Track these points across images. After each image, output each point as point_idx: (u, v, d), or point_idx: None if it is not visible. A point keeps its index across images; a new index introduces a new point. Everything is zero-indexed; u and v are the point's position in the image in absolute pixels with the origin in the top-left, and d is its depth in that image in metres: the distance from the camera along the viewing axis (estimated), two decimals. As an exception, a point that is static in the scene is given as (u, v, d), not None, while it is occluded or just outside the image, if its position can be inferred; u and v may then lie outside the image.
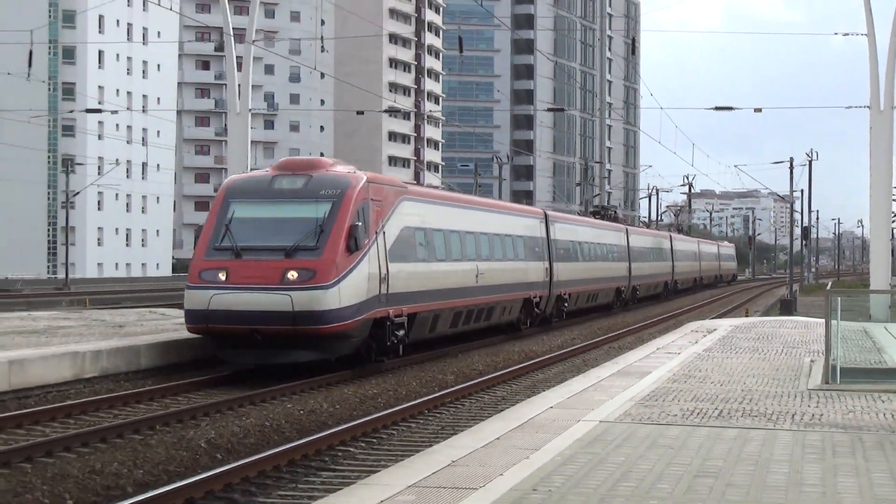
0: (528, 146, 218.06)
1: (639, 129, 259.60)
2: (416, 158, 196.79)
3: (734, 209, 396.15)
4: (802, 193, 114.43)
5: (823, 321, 24.34)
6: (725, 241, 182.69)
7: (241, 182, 32.13)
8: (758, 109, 74.69)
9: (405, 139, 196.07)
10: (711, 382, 22.87)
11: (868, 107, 49.67)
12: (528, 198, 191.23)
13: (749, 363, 27.28)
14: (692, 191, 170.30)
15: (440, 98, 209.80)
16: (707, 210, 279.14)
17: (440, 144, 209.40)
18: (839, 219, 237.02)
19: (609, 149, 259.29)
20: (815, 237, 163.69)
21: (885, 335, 31.62)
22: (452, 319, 38.13)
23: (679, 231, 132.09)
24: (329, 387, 28.62)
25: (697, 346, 32.36)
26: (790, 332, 38.51)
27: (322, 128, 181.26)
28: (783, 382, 23.02)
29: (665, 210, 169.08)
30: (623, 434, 16.10)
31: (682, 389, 21.56)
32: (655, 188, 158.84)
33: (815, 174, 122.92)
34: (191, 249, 34.66)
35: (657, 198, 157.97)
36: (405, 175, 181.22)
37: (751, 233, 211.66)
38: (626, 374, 24.53)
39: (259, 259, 29.16)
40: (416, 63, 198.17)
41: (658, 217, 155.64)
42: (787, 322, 45.95)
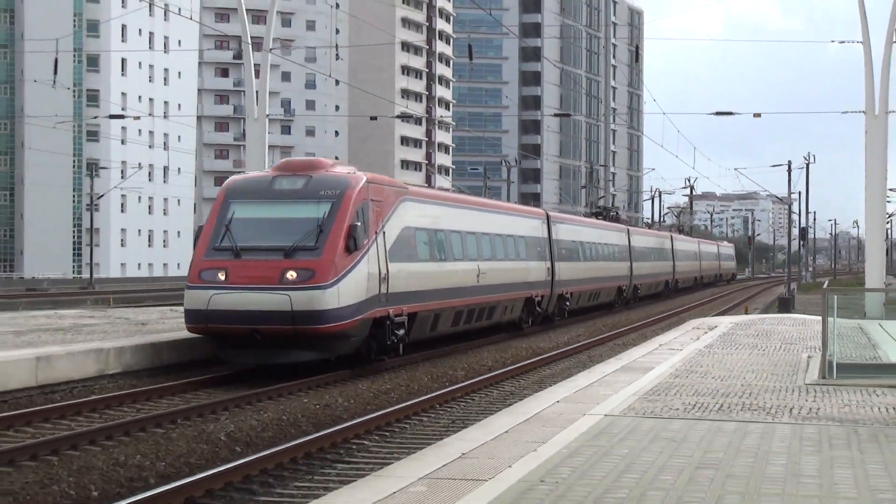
0: (536, 150, 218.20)
1: (642, 134, 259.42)
2: (428, 162, 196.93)
3: (734, 210, 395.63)
4: (800, 195, 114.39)
5: (820, 318, 24.30)
6: (725, 242, 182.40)
7: (242, 182, 31.35)
8: (757, 114, 74.38)
9: (417, 143, 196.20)
10: (712, 377, 22.83)
11: (864, 112, 49.65)
12: (536, 200, 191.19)
13: (749, 359, 27.23)
14: (694, 193, 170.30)
15: (451, 104, 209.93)
16: (708, 211, 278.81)
17: (451, 148, 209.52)
18: (836, 220, 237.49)
19: (613, 152, 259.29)
20: (813, 237, 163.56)
21: (880, 332, 31.58)
22: (454, 319, 37.39)
23: (680, 231, 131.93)
24: (344, 382, 28.60)
25: (699, 343, 32.31)
26: (788, 329, 38.45)
27: (337, 133, 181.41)
28: (781, 377, 22.99)
29: (667, 212, 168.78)
30: (627, 427, 16.09)
31: (684, 384, 21.53)
32: (658, 190, 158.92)
33: (813, 177, 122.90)
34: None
35: (660, 200, 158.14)
36: (417, 178, 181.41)
37: (750, 233, 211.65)
38: (630, 370, 24.50)
39: (258, 259, 28.41)
40: (428, 70, 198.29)
41: (661, 218, 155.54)
42: (786, 319, 45.87)
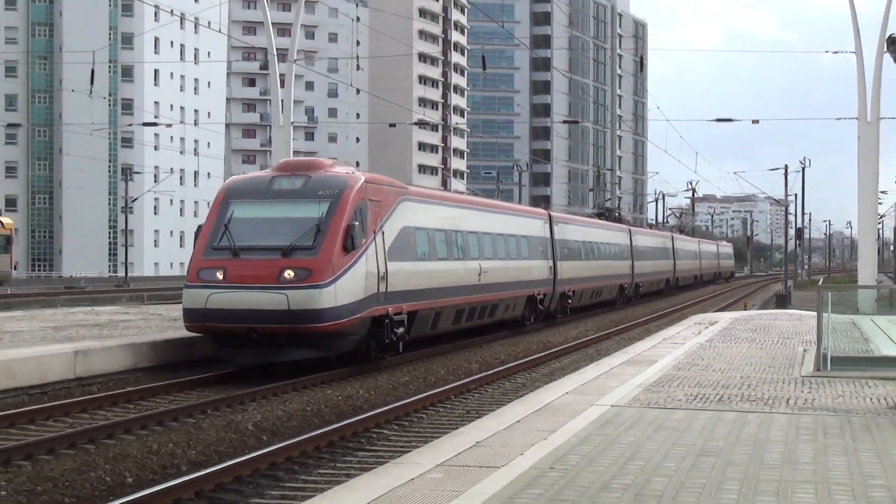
0: (546, 155, 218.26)
1: (646, 140, 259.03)
2: (444, 167, 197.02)
3: (734, 212, 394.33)
4: (796, 197, 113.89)
5: (816, 314, 24.28)
6: (724, 241, 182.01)
7: (241, 183, 30.34)
8: (755, 121, 74.88)
9: (433, 149, 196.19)
10: (713, 370, 22.81)
11: (856, 118, 49.63)
12: (546, 202, 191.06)
13: (747, 352, 27.20)
14: (695, 195, 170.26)
15: (465, 111, 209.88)
16: (709, 213, 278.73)
17: (465, 154, 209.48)
18: (830, 220, 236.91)
19: (619, 157, 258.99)
20: (808, 237, 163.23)
21: (872, 327, 31.49)
22: (455, 316, 36.17)
23: (681, 231, 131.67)
24: (364, 374, 28.57)
25: (700, 337, 32.28)
26: (785, 324, 38.40)
27: (357, 139, 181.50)
28: (779, 370, 22.96)
29: (670, 213, 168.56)
30: (633, 417, 16.08)
31: (687, 376, 21.51)
32: (662, 193, 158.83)
33: (808, 180, 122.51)
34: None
35: (663, 202, 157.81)
36: (433, 181, 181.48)
37: (749, 233, 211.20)
38: (635, 363, 24.48)
39: (256, 258, 27.29)
40: (444, 80, 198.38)
41: (664, 219, 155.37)
42: (782, 315, 45.82)
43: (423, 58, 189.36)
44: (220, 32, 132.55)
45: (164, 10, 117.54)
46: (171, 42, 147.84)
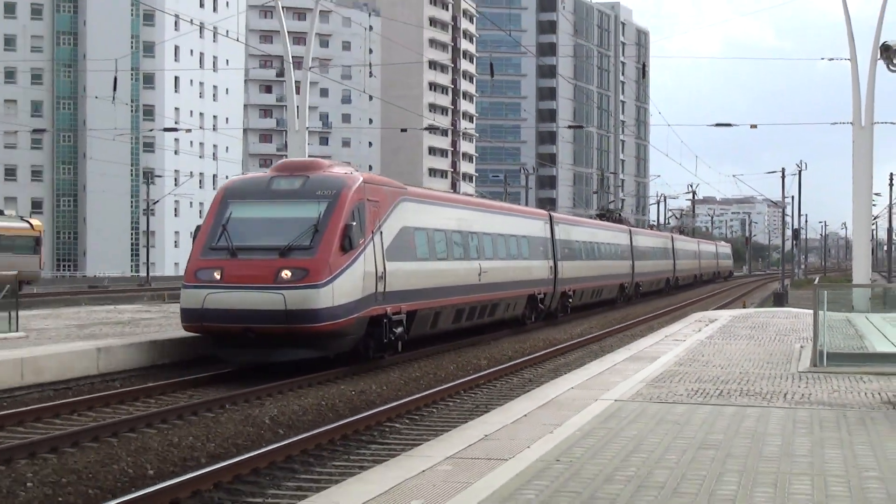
0: (552, 159, 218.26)
1: (648, 144, 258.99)
2: (453, 170, 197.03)
3: (733, 213, 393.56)
4: (793, 199, 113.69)
5: (812, 312, 24.23)
6: (722, 242, 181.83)
7: (240, 183, 29.56)
8: (754, 125, 74.39)
9: (443, 153, 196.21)
10: (713, 366, 22.79)
11: (851, 123, 49.65)
12: (552, 204, 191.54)
13: (746, 349, 27.18)
14: (696, 197, 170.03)
15: (474, 117, 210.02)
16: (709, 214, 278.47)
17: (474, 158, 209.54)
18: (825, 221, 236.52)
19: (622, 161, 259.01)
20: (805, 238, 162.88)
21: (866, 324, 31.48)
22: (455, 316, 35.32)
23: (681, 232, 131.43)
24: (377, 370, 28.55)
25: (701, 334, 32.25)
26: (782, 322, 38.36)
27: (370, 143, 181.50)
28: (776, 366, 22.94)
29: (671, 215, 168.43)
30: (635, 411, 16.07)
31: (688, 372, 21.50)
32: (663, 195, 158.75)
33: (805, 182, 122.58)
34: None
35: (665, 204, 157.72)
36: (443, 184, 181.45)
37: (747, 234, 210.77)
38: (638, 359, 24.46)
39: (254, 258, 26.38)
40: (453, 86, 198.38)
41: (665, 221, 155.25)
42: (780, 313, 45.76)
43: (434, 65, 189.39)
44: (238, 41, 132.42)
45: (184, 20, 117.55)
46: (191, 50, 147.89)
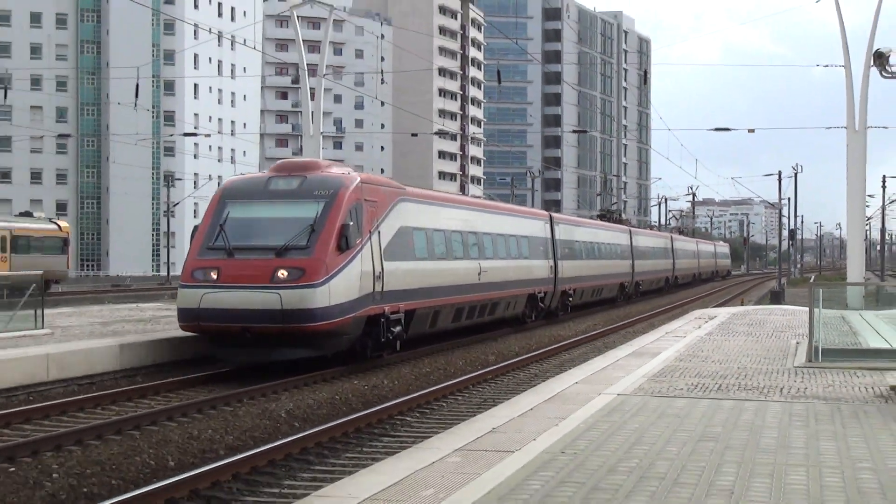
0: (557, 162, 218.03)
1: (650, 147, 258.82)
2: (462, 173, 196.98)
3: (731, 214, 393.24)
4: (789, 201, 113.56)
5: (808, 309, 24.21)
6: (721, 241, 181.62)
7: (238, 183, 28.52)
8: (751, 130, 74.80)
9: (452, 157, 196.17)
10: (712, 361, 22.76)
11: (845, 127, 49.56)
12: (557, 206, 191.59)
13: (744, 345, 27.14)
14: (695, 199, 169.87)
15: (482, 122, 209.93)
16: (708, 215, 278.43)
17: (482, 161, 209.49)
18: (821, 222, 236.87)
19: (625, 164, 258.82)
20: (800, 238, 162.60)
21: (860, 321, 31.42)
22: (454, 315, 34.43)
23: (680, 233, 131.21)
24: (389, 366, 28.54)
25: (700, 331, 32.19)
26: (779, 319, 38.32)
27: (382, 148, 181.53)
28: (773, 361, 22.91)
29: (672, 216, 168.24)
30: (637, 405, 16.06)
31: (688, 367, 21.47)
32: (664, 197, 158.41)
33: (801, 184, 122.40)
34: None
35: (665, 205, 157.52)
36: (453, 187, 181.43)
37: (745, 234, 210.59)
38: (640, 355, 24.44)
39: (250, 258, 25.51)
40: (462, 92, 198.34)
41: (666, 221, 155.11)
42: (777, 310, 45.72)
43: (443, 72, 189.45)
44: (255, 49, 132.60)
45: (203, 29, 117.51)
46: (210, 58, 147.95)
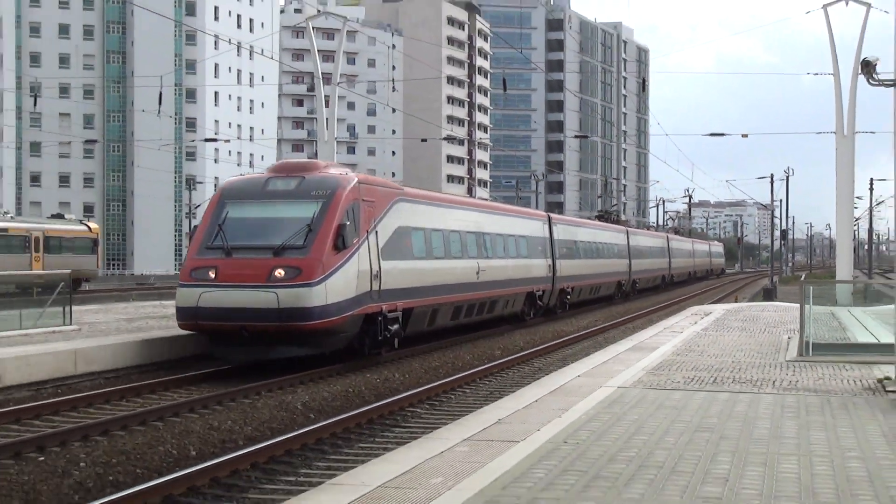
0: (559, 166, 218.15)
1: (648, 152, 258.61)
2: (469, 176, 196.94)
3: (726, 216, 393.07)
4: (781, 203, 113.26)
5: (799, 306, 24.19)
6: (715, 241, 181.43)
7: (237, 184, 27.78)
8: (745, 135, 74.49)
9: (460, 161, 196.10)
10: (708, 355, 22.75)
11: (834, 132, 49.57)
12: (560, 208, 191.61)
13: (738, 340, 27.12)
14: (692, 201, 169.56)
15: (488, 128, 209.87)
16: (704, 217, 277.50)
17: (488, 165, 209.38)
18: (811, 223, 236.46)
19: (624, 168, 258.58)
20: (792, 238, 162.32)
21: (849, 317, 31.42)
22: (453, 313, 33.57)
23: (676, 233, 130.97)
24: (400, 360, 28.57)
25: (696, 327, 32.18)
26: (771, 315, 38.28)
27: (393, 152, 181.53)
28: (766, 355, 22.89)
29: (669, 217, 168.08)
30: (636, 397, 16.05)
31: (685, 361, 21.46)
32: (662, 199, 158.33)
33: (792, 187, 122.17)
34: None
35: (663, 207, 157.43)
36: (460, 190, 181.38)
37: (739, 235, 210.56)
38: (639, 349, 24.43)
39: (248, 257, 24.80)
40: (469, 100, 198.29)
41: (664, 222, 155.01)
42: (769, 307, 45.69)
43: (451, 80, 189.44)
44: (273, 59, 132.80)
45: (223, 40, 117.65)
46: (229, 67, 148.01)
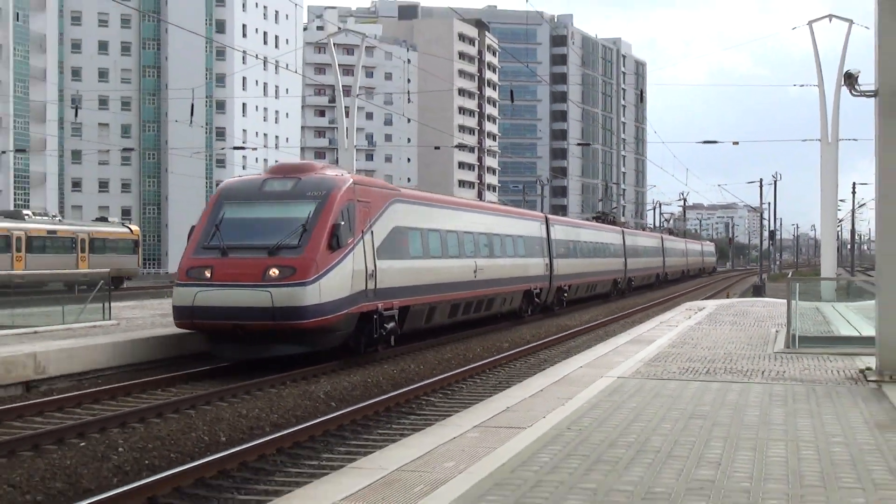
0: (563, 172, 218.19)
1: (646, 158, 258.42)
2: (479, 181, 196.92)
3: (718, 218, 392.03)
4: (770, 205, 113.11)
5: (786, 301, 24.15)
6: (707, 241, 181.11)
7: (235, 184, 26.84)
8: (735, 142, 74.87)
9: (471, 167, 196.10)
10: (701, 347, 22.72)
11: (819, 140, 49.57)
12: (563, 210, 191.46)
13: (730, 333, 27.08)
14: (686, 204, 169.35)
15: (496, 136, 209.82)
16: (697, 219, 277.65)
17: (497, 171, 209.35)
18: (797, 224, 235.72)
19: (623, 173, 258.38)
20: (779, 238, 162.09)
21: (833, 312, 31.33)
22: (451, 310, 32.64)
23: (671, 233, 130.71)
24: (415, 352, 28.59)
25: (691, 321, 32.13)
26: (760, 310, 38.21)
27: (409, 159, 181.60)
28: (755, 347, 22.85)
29: (665, 219, 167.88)
30: (635, 387, 16.03)
31: (680, 353, 21.43)
32: (658, 202, 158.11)
33: (780, 191, 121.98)
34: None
35: (659, 210, 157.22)
36: (471, 194, 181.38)
37: (730, 235, 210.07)
38: (637, 342, 24.40)
39: (243, 257, 23.91)
40: (479, 110, 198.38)
41: (660, 224, 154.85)
42: (758, 302, 45.60)
43: (462, 92, 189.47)
44: (296, 73, 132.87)
45: (251, 55, 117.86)
46: (256, 81, 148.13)
